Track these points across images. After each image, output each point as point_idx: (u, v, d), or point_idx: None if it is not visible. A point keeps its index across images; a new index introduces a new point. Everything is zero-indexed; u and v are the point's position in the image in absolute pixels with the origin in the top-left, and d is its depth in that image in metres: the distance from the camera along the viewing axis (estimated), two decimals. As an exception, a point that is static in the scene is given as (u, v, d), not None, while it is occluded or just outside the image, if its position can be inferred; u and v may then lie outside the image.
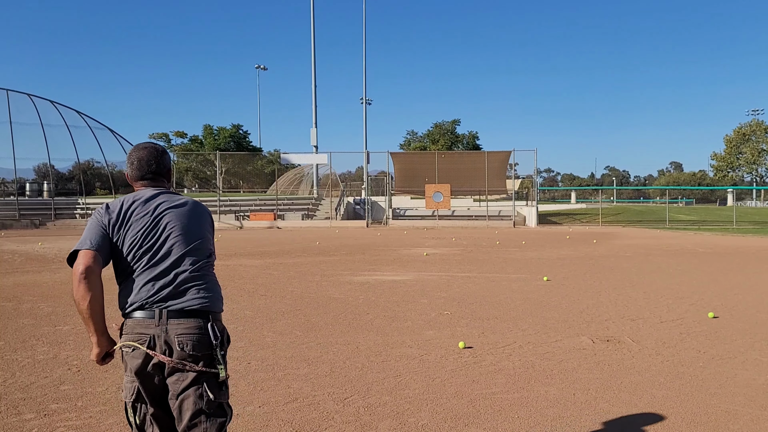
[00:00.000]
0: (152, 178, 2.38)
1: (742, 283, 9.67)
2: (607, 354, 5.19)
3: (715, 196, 72.82)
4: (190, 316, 2.17)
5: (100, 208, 2.32)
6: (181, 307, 2.17)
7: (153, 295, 2.16)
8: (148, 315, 2.15)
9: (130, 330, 2.17)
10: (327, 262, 13.36)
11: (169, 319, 2.14)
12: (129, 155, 2.40)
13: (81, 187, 38.97)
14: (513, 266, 12.39)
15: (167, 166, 2.42)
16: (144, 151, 2.38)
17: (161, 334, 2.13)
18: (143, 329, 2.14)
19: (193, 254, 2.27)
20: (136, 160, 2.36)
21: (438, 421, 3.61)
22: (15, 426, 3.54)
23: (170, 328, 2.14)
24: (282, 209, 37.74)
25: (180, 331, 2.14)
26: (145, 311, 2.16)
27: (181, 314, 2.16)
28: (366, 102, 54.04)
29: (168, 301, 2.17)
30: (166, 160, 2.42)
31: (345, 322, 6.60)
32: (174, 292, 2.18)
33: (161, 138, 68.15)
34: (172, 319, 2.15)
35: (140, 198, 2.30)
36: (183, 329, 2.14)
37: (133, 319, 2.17)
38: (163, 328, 2.13)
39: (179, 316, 2.16)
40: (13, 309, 7.41)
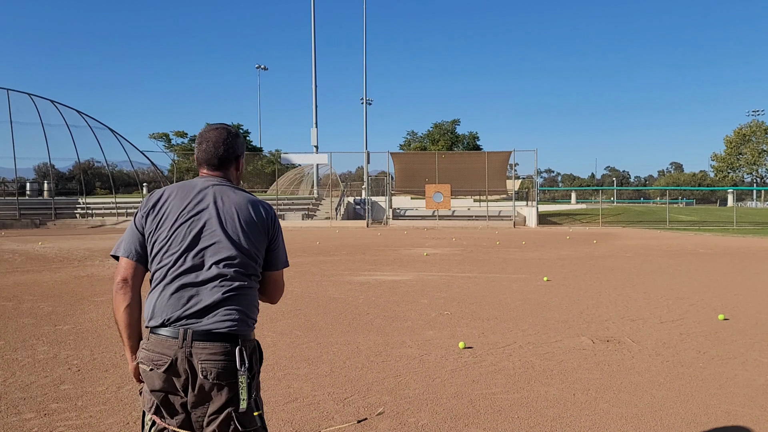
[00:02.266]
0: (217, 164, 2.11)
1: (742, 284, 9.67)
2: (607, 354, 5.19)
3: (716, 196, 72.79)
4: (216, 339, 1.91)
5: (146, 197, 2.09)
6: (209, 329, 1.91)
7: (178, 311, 1.92)
8: (171, 334, 1.91)
9: (151, 348, 1.94)
10: (327, 262, 13.36)
11: (193, 342, 1.89)
12: (199, 135, 2.14)
13: (81, 186, 38.98)
14: (513, 266, 12.39)
15: (237, 152, 2.13)
16: (214, 132, 2.11)
17: (184, 358, 1.89)
18: (164, 349, 1.91)
19: (232, 266, 1.98)
20: (204, 141, 2.10)
21: (438, 422, 3.62)
22: (15, 425, 3.54)
23: (195, 352, 1.89)
24: (282, 209, 37.73)
25: (204, 357, 1.89)
26: (168, 328, 1.92)
27: (207, 337, 1.90)
28: (366, 102, 54.05)
29: (194, 319, 1.91)
30: (237, 144, 2.14)
31: (345, 322, 6.61)
32: (202, 310, 1.92)
33: (161, 138, 68.21)
34: (198, 342, 1.89)
35: (186, 188, 2.04)
36: (207, 355, 1.89)
37: (155, 336, 1.94)
38: (187, 351, 1.89)
39: (205, 338, 1.90)
40: (14, 308, 7.41)
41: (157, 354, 1.92)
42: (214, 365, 1.89)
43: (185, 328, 1.91)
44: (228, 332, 1.93)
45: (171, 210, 2.00)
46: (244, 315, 1.98)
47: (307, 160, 41.79)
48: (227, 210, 2.02)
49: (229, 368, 1.91)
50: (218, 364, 1.90)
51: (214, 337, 1.91)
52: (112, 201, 38.10)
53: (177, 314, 1.92)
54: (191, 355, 1.89)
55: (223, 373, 1.90)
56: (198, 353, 1.89)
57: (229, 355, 1.91)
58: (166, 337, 1.92)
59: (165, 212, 2.01)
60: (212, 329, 1.91)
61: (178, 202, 2.02)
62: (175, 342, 1.90)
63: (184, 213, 1.99)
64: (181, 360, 1.90)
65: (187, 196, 2.03)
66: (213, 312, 1.93)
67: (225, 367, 1.90)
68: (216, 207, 2.02)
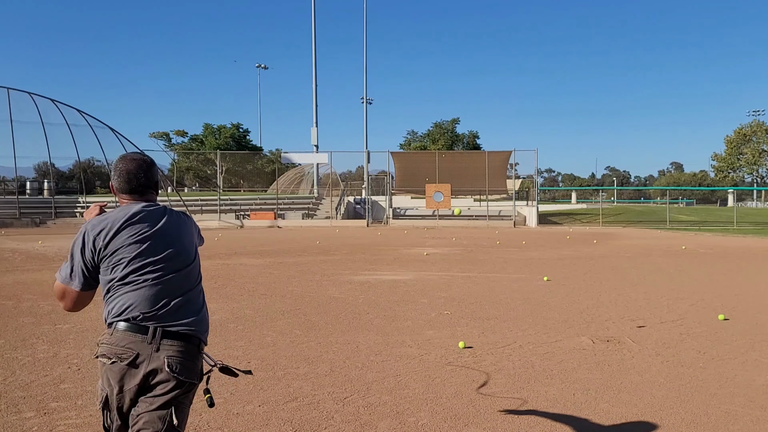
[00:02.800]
0: (141, 191, 2.29)
1: (743, 284, 9.67)
2: (607, 354, 5.19)
3: (716, 196, 72.76)
4: (183, 339, 2.13)
5: (82, 235, 2.20)
6: (177, 329, 2.12)
7: (149, 312, 2.10)
8: (140, 330, 2.09)
9: (116, 341, 2.09)
10: (327, 261, 13.36)
11: (162, 339, 2.09)
12: (116, 166, 2.30)
13: (81, 185, 38.98)
14: (513, 266, 12.38)
15: (155, 179, 2.33)
16: (133, 163, 2.28)
17: (150, 353, 2.07)
18: (130, 344, 2.07)
19: (188, 278, 2.24)
20: (124, 172, 2.26)
21: (438, 421, 3.61)
22: (15, 424, 3.54)
23: (162, 348, 2.08)
24: (282, 208, 37.74)
25: (171, 353, 2.08)
26: (136, 325, 2.09)
27: (175, 336, 2.11)
28: (366, 101, 54.01)
29: (164, 321, 2.11)
30: (154, 172, 2.33)
31: (345, 321, 6.60)
32: (170, 312, 2.13)
33: (162, 137, 68.21)
34: (166, 340, 2.09)
35: (129, 214, 2.21)
36: (175, 351, 2.09)
37: (121, 331, 2.10)
38: (155, 347, 2.08)
39: (173, 337, 2.11)
40: (14, 307, 7.42)
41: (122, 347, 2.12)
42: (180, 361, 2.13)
43: (155, 327, 2.12)
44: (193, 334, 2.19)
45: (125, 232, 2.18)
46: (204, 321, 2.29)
47: (307, 160, 41.76)
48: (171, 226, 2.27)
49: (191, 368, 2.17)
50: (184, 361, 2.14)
51: (182, 338, 2.15)
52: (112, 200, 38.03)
53: (147, 315, 2.13)
54: (158, 351, 2.10)
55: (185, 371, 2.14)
56: (166, 349, 2.11)
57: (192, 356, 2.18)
58: (134, 333, 2.11)
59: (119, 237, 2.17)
60: (180, 330, 2.16)
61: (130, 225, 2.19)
62: (143, 338, 2.10)
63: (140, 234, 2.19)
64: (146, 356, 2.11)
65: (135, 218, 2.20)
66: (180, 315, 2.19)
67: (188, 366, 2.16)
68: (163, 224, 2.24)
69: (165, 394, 2.08)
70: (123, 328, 2.10)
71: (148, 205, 2.27)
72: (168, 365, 2.06)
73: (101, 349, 2.13)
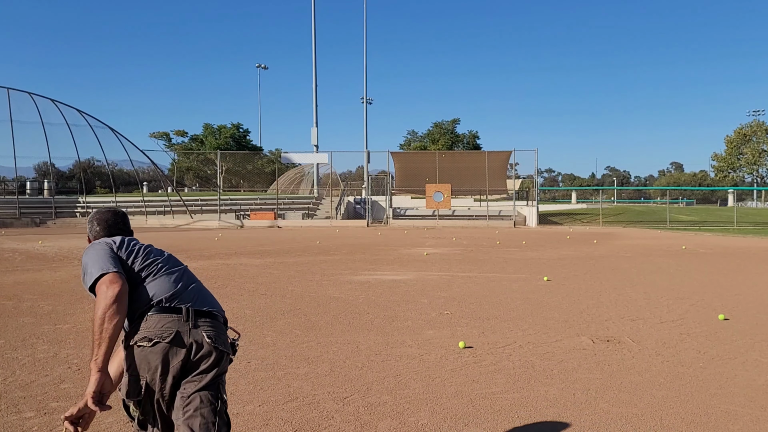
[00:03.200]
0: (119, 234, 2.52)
1: (743, 284, 9.67)
2: (607, 354, 5.19)
3: (716, 196, 72.76)
4: (212, 317, 2.29)
5: (95, 244, 2.36)
6: (206, 308, 2.30)
7: (175, 295, 2.25)
8: (174, 311, 2.21)
9: (153, 325, 2.17)
10: (327, 261, 13.36)
11: (197, 318, 2.23)
12: (90, 219, 2.54)
13: (81, 185, 38.99)
14: (513, 266, 12.38)
15: (130, 228, 2.61)
16: (108, 213, 2.56)
17: (189, 329, 2.19)
18: (168, 324, 2.17)
19: (190, 273, 2.46)
20: (102, 221, 2.52)
21: (438, 421, 3.61)
22: (15, 424, 3.54)
23: (200, 324, 2.22)
24: (282, 208, 37.74)
25: (207, 327, 2.23)
26: (169, 308, 2.21)
27: (205, 314, 2.27)
28: (366, 101, 54.01)
29: (194, 302, 2.28)
30: (128, 221, 2.63)
31: (345, 321, 6.61)
32: (192, 295, 2.31)
33: (162, 137, 68.19)
34: (200, 318, 2.24)
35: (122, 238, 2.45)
36: (209, 326, 2.24)
37: (156, 316, 2.19)
38: (192, 323, 2.21)
39: (205, 315, 2.27)
40: (14, 307, 7.42)
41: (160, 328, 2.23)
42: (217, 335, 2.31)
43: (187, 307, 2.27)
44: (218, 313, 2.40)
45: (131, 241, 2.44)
46: None
47: (307, 160, 41.77)
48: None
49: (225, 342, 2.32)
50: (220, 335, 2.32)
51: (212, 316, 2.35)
52: (112, 200, 38.10)
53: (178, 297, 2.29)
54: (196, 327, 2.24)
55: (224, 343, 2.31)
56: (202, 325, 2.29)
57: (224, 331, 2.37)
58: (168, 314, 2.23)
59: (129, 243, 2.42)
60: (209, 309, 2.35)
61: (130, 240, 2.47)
62: (178, 317, 2.23)
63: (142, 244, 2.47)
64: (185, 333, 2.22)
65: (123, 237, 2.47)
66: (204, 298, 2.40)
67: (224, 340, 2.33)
68: None
69: (210, 370, 2.19)
70: (157, 312, 2.20)
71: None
72: (208, 337, 2.20)
73: (139, 336, 2.16)
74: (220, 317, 2.34)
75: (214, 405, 2.15)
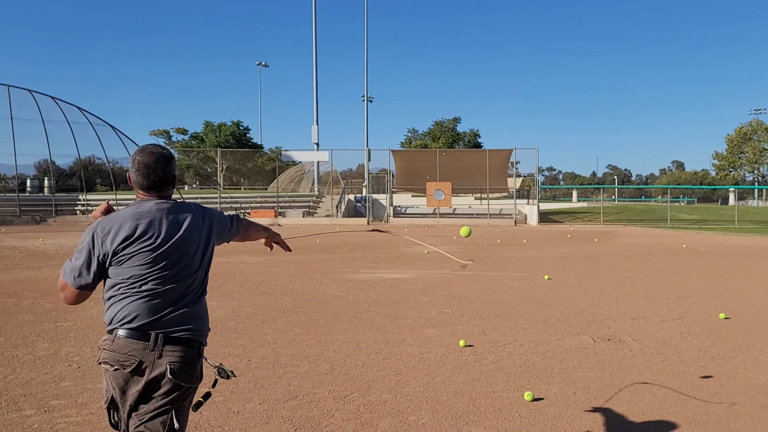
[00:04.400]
0: (157, 187, 2.23)
1: (744, 283, 9.66)
2: (608, 353, 5.18)
3: (717, 195, 72.74)
4: (185, 344, 2.15)
5: (97, 227, 2.15)
6: (179, 335, 2.14)
7: (150, 321, 2.11)
8: (142, 337, 2.09)
9: (118, 348, 2.09)
10: (328, 259, 13.36)
11: (165, 345, 2.10)
12: (133, 158, 2.23)
13: (82, 183, 38.96)
14: (514, 265, 12.38)
15: (173, 173, 2.27)
16: (151, 157, 2.21)
17: (153, 360, 2.08)
18: (132, 352, 2.08)
19: (193, 281, 2.22)
20: (142, 166, 2.20)
21: (438, 420, 3.61)
22: (16, 422, 3.54)
23: (165, 354, 2.09)
24: (283, 206, 37.73)
25: (173, 359, 2.10)
26: (139, 332, 2.10)
27: (177, 342, 2.13)
28: (367, 99, 54.00)
29: (167, 327, 2.13)
30: (172, 166, 2.26)
31: (345, 319, 6.60)
32: (172, 320, 2.14)
33: (162, 135, 68.17)
34: (168, 346, 2.11)
35: (138, 216, 2.16)
36: (177, 357, 2.11)
37: (122, 338, 2.10)
38: (158, 354, 2.09)
39: (175, 343, 2.12)
40: (14, 305, 7.42)
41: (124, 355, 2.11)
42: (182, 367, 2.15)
43: (157, 333, 2.12)
44: (194, 338, 2.21)
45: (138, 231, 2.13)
46: (204, 324, 2.29)
47: (307, 158, 41.77)
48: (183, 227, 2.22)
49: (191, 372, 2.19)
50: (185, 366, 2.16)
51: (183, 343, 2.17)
52: (112, 197, 38.11)
53: (151, 322, 2.13)
54: (161, 357, 2.11)
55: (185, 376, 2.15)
56: (168, 355, 2.12)
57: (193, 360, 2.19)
58: (136, 340, 2.11)
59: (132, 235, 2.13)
60: (182, 336, 2.17)
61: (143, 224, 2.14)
62: (145, 345, 2.11)
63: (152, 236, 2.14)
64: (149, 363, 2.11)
65: (147, 218, 2.15)
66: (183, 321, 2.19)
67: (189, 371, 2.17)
68: (175, 225, 2.20)
69: (166, 399, 2.09)
70: (124, 335, 2.10)
71: (160, 203, 2.21)
72: (171, 371, 2.07)
73: (103, 355, 2.13)
74: (196, 342, 2.19)
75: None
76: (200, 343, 2.22)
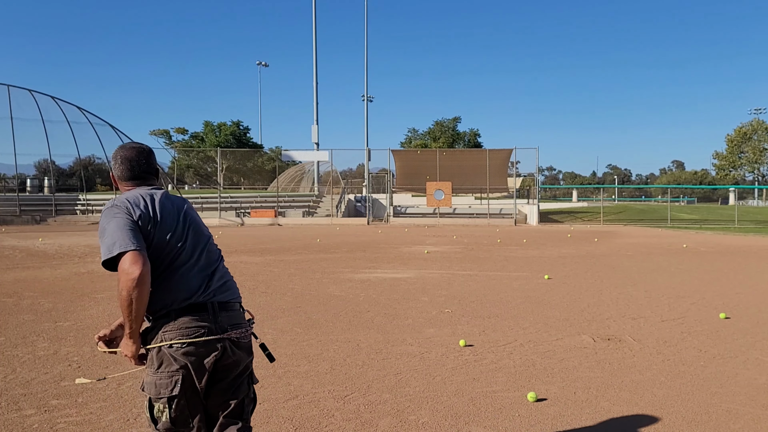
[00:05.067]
0: (143, 177, 2.34)
1: (744, 283, 9.66)
2: (608, 353, 5.18)
3: (717, 195, 72.72)
4: (234, 308, 2.31)
5: (116, 207, 2.19)
6: (227, 299, 2.28)
7: (201, 290, 2.21)
8: (199, 309, 2.20)
9: (181, 325, 2.17)
10: (328, 259, 13.36)
11: (220, 312, 2.24)
12: (115, 155, 2.34)
13: (82, 183, 38.95)
14: (514, 264, 12.38)
15: (155, 166, 2.41)
16: (133, 151, 2.34)
17: (214, 326, 2.20)
18: (198, 322, 2.18)
19: (215, 250, 2.38)
20: (126, 160, 2.31)
21: (438, 419, 3.61)
22: (16, 422, 3.54)
23: (222, 319, 2.23)
24: (283, 206, 37.72)
25: (232, 321, 2.26)
26: (194, 306, 2.19)
27: (227, 307, 2.28)
28: (367, 99, 53.98)
29: (216, 295, 2.25)
30: (153, 159, 2.41)
31: (345, 319, 6.60)
32: (218, 286, 2.27)
33: (162, 134, 68.17)
34: (223, 312, 2.25)
35: (151, 195, 2.26)
36: (233, 319, 2.28)
37: (182, 316, 2.18)
38: (216, 319, 2.21)
39: (227, 308, 2.27)
40: (14, 305, 7.41)
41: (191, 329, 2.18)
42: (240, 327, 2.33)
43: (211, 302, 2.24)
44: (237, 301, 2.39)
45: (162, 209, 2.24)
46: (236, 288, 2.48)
47: (307, 157, 41.75)
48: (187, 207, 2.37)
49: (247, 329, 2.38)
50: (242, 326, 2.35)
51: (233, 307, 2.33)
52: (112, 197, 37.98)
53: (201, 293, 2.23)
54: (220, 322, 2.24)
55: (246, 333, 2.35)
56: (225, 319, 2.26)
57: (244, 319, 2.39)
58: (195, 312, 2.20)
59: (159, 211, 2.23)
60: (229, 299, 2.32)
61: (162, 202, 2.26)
62: (204, 315, 2.21)
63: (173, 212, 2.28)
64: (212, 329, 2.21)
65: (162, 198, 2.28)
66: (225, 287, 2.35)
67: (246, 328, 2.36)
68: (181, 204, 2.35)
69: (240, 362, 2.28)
70: (183, 313, 2.18)
71: (154, 188, 2.33)
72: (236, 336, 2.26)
73: (169, 335, 2.16)
74: (237, 304, 2.35)
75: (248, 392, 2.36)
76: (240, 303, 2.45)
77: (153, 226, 2.17)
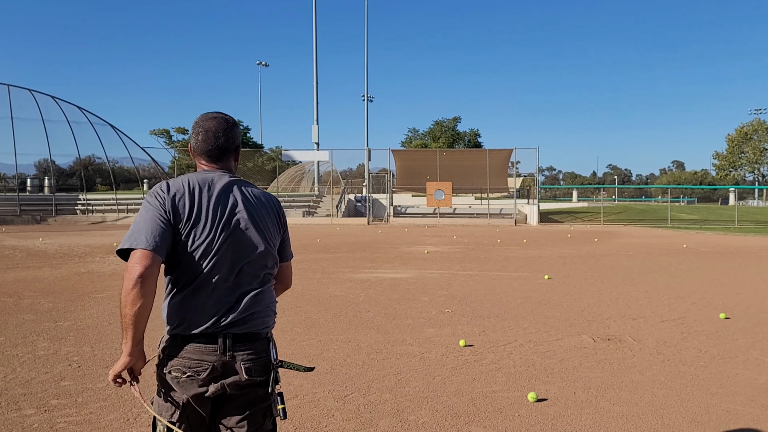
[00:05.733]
0: (218, 155, 2.08)
1: (744, 283, 9.65)
2: (608, 353, 5.18)
3: (717, 195, 72.72)
4: (255, 340, 1.99)
5: (155, 195, 1.95)
6: (247, 331, 1.97)
7: (217, 319, 1.93)
8: (210, 341, 1.93)
9: (184, 354, 1.92)
10: (328, 259, 13.36)
11: (234, 344, 1.94)
12: (195, 124, 2.10)
13: (82, 182, 38.97)
14: (514, 264, 12.38)
15: (236, 142, 2.12)
16: (213, 122, 2.08)
17: (225, 362, 1.93)
18: (203, 356, 1.92)
19: (260, 266, 2.03)
20: (203, 131, 2.06)
21: (438, 419, 3.61)
22: (16, 421, 3.54)
23: (237, 355, 1.94)
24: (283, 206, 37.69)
25: (246, 357, 1.95)
26: (206, 336, 1.92)
27: (246, 339, 1.97)
28: (367, 99, 54.00)
29: (233, 327, 1.95)
30: (235, 133, 2.12)
31: (345, 319, 6.60)
32: (239, 316, 1.96)
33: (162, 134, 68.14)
34: (238, 344, 1.95)
35: (209, 184, 2.00)
36: (248, 355, 1.96)
37: (189, 344, 1.93)
38: (229, 355, 1.93)
39: (245, 340, 1.97)
40: (14, 305, 7.41)
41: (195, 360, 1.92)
42: (254, 363, 1.98)
43: (225, 334, 1.93)
44: (262, 331, 2.03)
45: (205, 205, 1.96)
46: (272, 312, 2.10)
47: (308, 157, 41.78)
48: (252, 207, 2.05)
49: (265, 364, 2.01)
50: (259, 361, 2.00)
51: (253, 338, 1.99)
52: (112, 197, 38.10)
53: (216, 323, 1.93)
54: (233, 358, 1.95)
55: (260, 369, 1.99)
56: (240, 355, 1.95)
57: (265, 352, 2.02)
58: (204, 344, 1.93)
59: (200, 206, 1.95)
60: (251, 331, 1.98)
61: (211, 197, 1.97)
62: (215, 348, 1.93)
63: (219, 211, 1.97)
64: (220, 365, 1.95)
65: (215, 190, 2.00)
66: (249, 315, 1.98)
67: (263, 363, 2.01)
68: (243, 203, 2.03)
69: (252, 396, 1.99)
70: (189, 339, 1.94)
71: (227, 174, 2.07)
72: (246, 371, 1.94)
73: (172, 363, 1.94)
74: (263, 333, 2.02)
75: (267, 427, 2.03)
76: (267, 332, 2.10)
77: (184, 225, 1.92)
